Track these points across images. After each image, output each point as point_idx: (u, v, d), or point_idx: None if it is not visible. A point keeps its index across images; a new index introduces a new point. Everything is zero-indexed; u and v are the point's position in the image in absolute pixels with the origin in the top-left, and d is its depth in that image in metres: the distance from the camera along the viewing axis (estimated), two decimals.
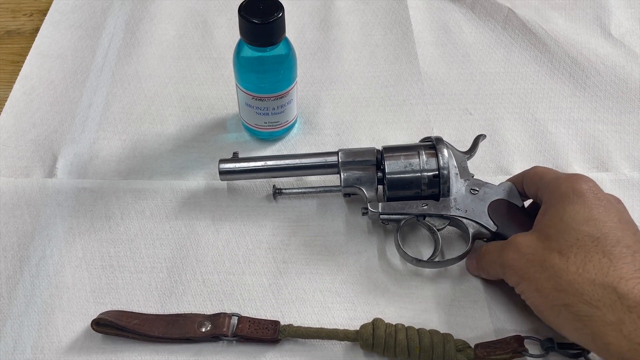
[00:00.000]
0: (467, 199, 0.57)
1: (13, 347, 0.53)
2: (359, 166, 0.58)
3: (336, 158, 0.60)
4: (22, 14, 0.85)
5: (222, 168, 0.61)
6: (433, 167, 0.57)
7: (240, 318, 0.54)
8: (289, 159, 0.60)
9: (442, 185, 0.56)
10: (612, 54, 0.77)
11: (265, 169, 0.60)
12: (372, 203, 0.57)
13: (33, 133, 0.69)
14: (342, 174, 0.59)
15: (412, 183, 0.57)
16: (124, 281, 0.58)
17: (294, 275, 0.58)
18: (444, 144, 0.58)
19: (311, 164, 0.60)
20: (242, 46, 0.61)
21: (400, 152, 0.58)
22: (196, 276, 0.58)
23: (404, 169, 0.57)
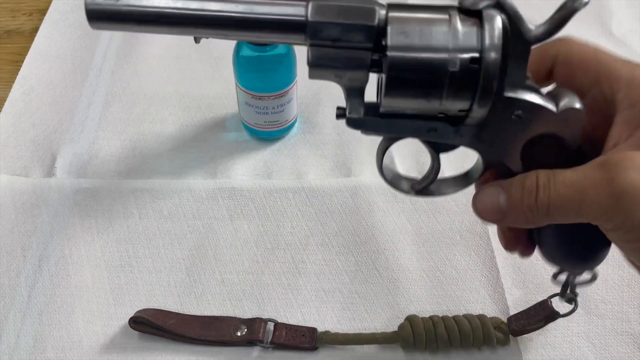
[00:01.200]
0: (499, 126, 0.34)
1: (33, 346, 0.53)
2: (342, 49, 0.33)
3: (302, 13, 0.33)
4: (21, 13, 0.85)
5: (92, 4, 0.33)
6: (472, 47, 0.32)
7: (277, 324, 0.54)
8: (217, 2, 0.33)
9: (480, 99, 0.32)
10: (613, 53, 0.77)
11: (175, 15, 0.33)
12: (353, 112, 0.35)
13: (32, 133, 0.69)
14: (310, 53, 0.33)
15: (434, 74, 0.32)
16: (143, 281, 0.58)
17: (312, 275, 0.58)
18: (497, 14, 0.33)
19: (253, 17, 0.33)
20: (241, 45, 0.61)
21: (419, 14, 0.33)
22: (215, 275, 0.58)
23: (424, 44, 0.32)
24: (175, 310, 0.56)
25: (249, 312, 0.56)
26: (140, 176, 0.66)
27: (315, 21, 0.32)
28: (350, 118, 0.35)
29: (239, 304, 0.56)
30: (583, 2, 0.32)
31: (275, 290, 0.57)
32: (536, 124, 0.34)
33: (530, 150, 0.35)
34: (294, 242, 0.60)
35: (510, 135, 0.35)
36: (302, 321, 0.55)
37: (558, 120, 0.34)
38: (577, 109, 0.34)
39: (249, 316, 0.55)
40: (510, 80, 0.33)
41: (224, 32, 0.34)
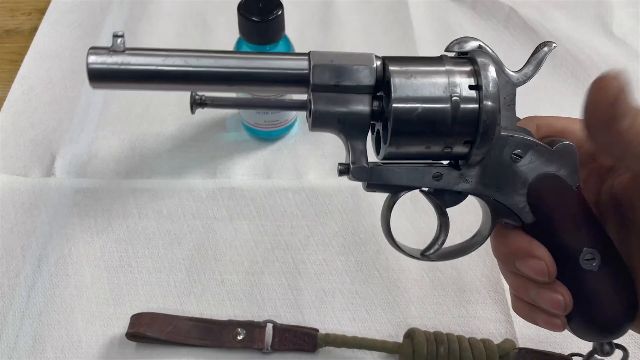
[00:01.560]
0: (502, 168, 0.36)
1: (32, 346, 0.53)
2: (343, 95, 0.34)
3: (305, 66, 0.33)
4: (20, 13, 0.85)
5: (94, 64, 0.33)
6: (471, 98, 0.33)
7: (276, 327, 0.53)
8: (218, 59, 0.33)
9: (480, 143, 0.34)
10: (614, 53, 0.77)
11: (175, 73, 0.33)
12: (357, 162, 0.35)
13: (31, 133, 0.69)
14: (312, 105, 0.34)
15: (435, 123, 0.33)
16: (142, 281, 0.58)
17: (313, 275, 0.58)
18: (488, 57, 0.34)
19: (256, 72, 0.33)
20: (241, 44, 0.61)
21: (416, 66, 0.34)
22: (215, 276, 0.58)
23: (424, 95, 0.33)
24: (174, 311, 0.56)
25: (249, 312, 0.56)
26: (139, 176, 0.65)
27: (317, 70, 0.33)
28: (355, 168, 0.35)
29: (239, 304, 0.56)
30: (552, 45, 0.37)
31: (275, 290, 0.57)
32: (535, 162, 0.36)
33: (535, 194, 0.36)
34: (294, 242, 0.60)
35: (512, 176, 0.36)
36: (302, 321, 0.55)
37: (554, 157, 0.36)
38: (570, 144, 0.36)
39: (249, 317, 0.55)
40: (504, 121, 0.35)
41: (226, 87, 0.34)
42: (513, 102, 0.35)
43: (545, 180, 0.36)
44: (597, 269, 0.36)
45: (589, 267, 0.36)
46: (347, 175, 0.36)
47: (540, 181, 0.36)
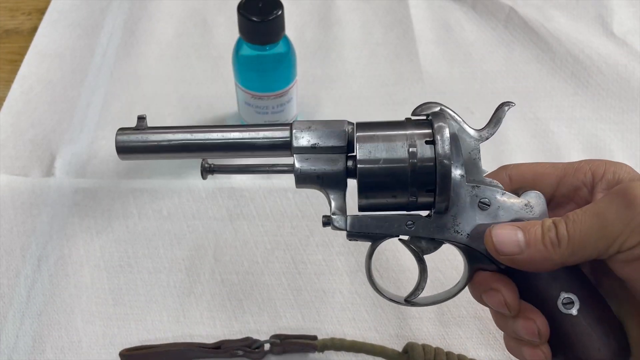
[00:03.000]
0: (471, 216, 0.39)
1: (32, 346, 0.53)
2: (321, 154, 0.40)
3: (287, 135, 0.40)
4: (20, 12, 0.85)
5: (121, 142, 0.41)
6: (427, 157, 0.38)
7: (273, 345, 0.52)
8: (218, 132, 0.41)
9: (440, 192, 0.38)
10: (614, 52, 0.77)
11: (185, 145, 0.42)
12: (337, 213, 0.40)
13: (31, 133, 0.69)
14: (295, 164, 0.40)
15: (395, 181, 0.38)
16: (142, 281, 0.58)
17: (312, 275, 0.58)
18: (445, 120, 0.39)
19: (250, 142, 0.41)
20: (241, 44, 0.61)
21: (380, 131, 0.39)
22: (215, 276, 0.58)
23: (385, 157, 0.38)
24: (174, 311, 0.56)
25: (249, 311, 0.56)
26: (139, 176, 0.65)
27: (297, 136, 0.40)
28: (336, 219, 0.40)
29: (239, 304, 0.56)
30: (511, 104, 0.41)
31: (275, 290, 0.57)
32: (503, 210, 0.39)
33: None
34: (294, 243, 0.60)
35: (482, 223, 0.39)
36: (301, 321, 0.55)
37: (521, 205, 0.39)
38: (536, 192, 0.39)
39: (248, 317, 0.55)
40: (469, 174, 0.39)
41: (225, 154, 0.42)
42: (478, 156, 0.40)
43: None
44: (576, 313, 0.37)
45: (567, 311, 0.37)
46: (330, 226, 0.40)
47: None
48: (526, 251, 0.36)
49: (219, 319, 0.55)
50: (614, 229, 0.34)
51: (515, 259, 0.37)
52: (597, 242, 0.35)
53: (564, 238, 0.35)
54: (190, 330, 0.55)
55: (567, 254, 0.35)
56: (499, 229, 0.37)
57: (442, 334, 0.55)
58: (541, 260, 0.36)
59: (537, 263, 0.36)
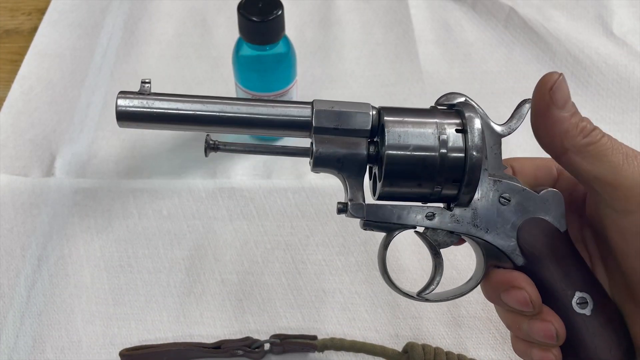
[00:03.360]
0: (491, 211, 0.38)
1: (32, 346, 0.53)
2: (342, 138, 0.38)
3: (308, 113, 0.38)
4: (20, 12, 0.85)
5: (123, 107, 0.37)
6: (458, 147, 0.37)
7: (273, 345, 0.53)
8: (233, 105, 0.38)
9: (467, 184, 0.37)
10: (614, 52, 0.77)
11: (195, 116, 0.38)
12: (354, 200, 0.38)
13: (31, 133, 0.69)
14: (314, 146, 0.38)
15: (423, 169, 0.37)
16: (142, 281, 0.58)
17: (312, 275, 0.58)
18: (475, 110, 0.38)
19: (267, 118, 0.38)
20: (241, 45, 0.61)
21: (409, 117, 0.37)
22: (215, 276, 0.58)
23: (415, 143, 0.37)
24: (174, 311, 0.56)
25: (249, 311, 0.56)
26: (139, 176, 0.65)
27: (319, 114, 0.37)
28: (353, 205, 0.38)
29: (239, 304, 0.56)
30: (529, 101, 0.39)
31: (275, 290, 0.57)
32: (522, 206, 0.38)
33: (525, 237, 0.38)
34: (294, 242, 0.60)
35: (502, 219, 0.38)
36: (301, 320, 0.55)
37: (541, 202, 0.38)
38: (556, 190, 0.39)
39: (248, 317, 0.55)
40: (491, 169, 0.38)
41: (239, 130, 0.38)
42: (499, 150, 0.39)
43: (534, 224, 0.38)
44: (590, 313, 0.37)
45: (581, 310, 0.37)
46: (345, 213, 0.38)
47: (529, 225, 0.38)
48: (568, 115, 0.36)
49: (219, 319, 0.56)
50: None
51: (551, 110, 0.36)
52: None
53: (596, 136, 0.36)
54: (190, 330, 0.55)
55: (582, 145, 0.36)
56: (564, 79, 0.37)
57: (441, 334, 0.55)
58: (562, 133, 0.36)
59: (558, 129, 0.36)
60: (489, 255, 0.39)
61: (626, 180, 0.35)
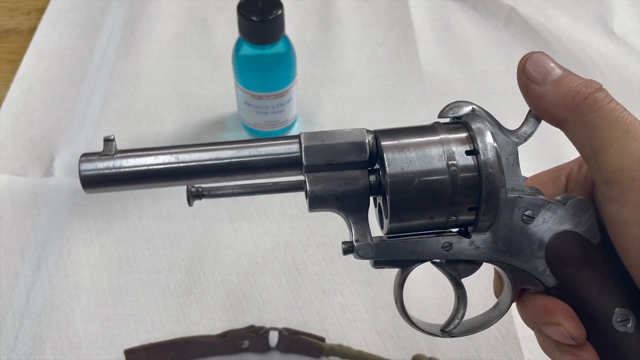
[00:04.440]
0: (514, 232, 0.34)
1: (31, 347, 0.53)
2: (338, 173, 0.33)
3: (296, 149, 0.33)
4: (19, 12, 0.84)
5: (87, 171, 0.33)
6: (470, 167, 0.32)
7: (282, 334, 0.53)
8: (211, 152, 0.33)
9: (485, 210, 0.33)
10: (615, 52, 0.77)
11: (170, 170, 0.33)
12: (360, 240, 0.34)
13: (30, 132, 0.69)
14: (308, 186, 0.33)
15: (433, 199, 0.32)
16: (142, 282, 0.57)
17: (313, 276, 0.58)
18: (484, 122, 0.33)
19: (250, 161, 0.33)
20: (241, 44, 0.61)
21: (409, 138, 0.33)
22: (215, 277, 0.58)
23: (420, 169, 0.32)
24: (174, 311, 0.55)
25: (249, 313, 0.56)
26: None
27: (309, 151, 0.33)
28: (359, 246, 0.34)
29: (239, 305, 0.56)
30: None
31: (275, 291, 0.57)
32: (549, 222, 0.34)
33: (554, 255, 0.34)
34: (294, 243, 0.60)
35: (527, 239, 0.34)
36: (301, 322, 0.55)
37: (569, 214, 0.34)
38: (583, 198, 0.34)
39: (248, 317, 0.55)
40: (509, 183, 0.33)
41: (221, 178, 0.34)
42: (516, 161, 0.34)
43: (563, 239, 0.34)
44: (632, 330, 0.33)
45: (623, 328, 0.33)
46: (352, 254, 0.34)
47: (558, 241, 0.34)
48: (549, 87, 0.33)
49: (219, 319, 0.55)
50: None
51: (530, 88, 0.34)
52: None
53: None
54: (190, 331, 0.55)
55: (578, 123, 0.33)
56: (541, 54, 0.34)
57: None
58: (550, 105, 0.33)
59: (545, 103, 0.34)
60: (516, 279, 0.35)
61: (615, 161, 0.31)
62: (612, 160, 0.31)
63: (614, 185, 0.32)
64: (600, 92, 0.33)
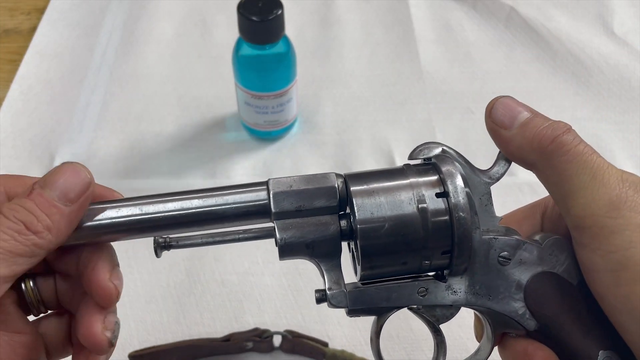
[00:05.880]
0: (491, 274, 0.33)
1: None
2: (308, 219, 0.33)
3: (263, 196, 0.33)
4: (19, 12, 0.84)
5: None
6: (440, 211, 0.32)
7: (285, 338, 0.52)
8: (176, 202, 0.33)
9: (459, 253, 0.32)
10: (615, 52, 0.77)
11: (133, 223, 0.32)
12: (333, 288, 0.33)
13: (30, 133, 0.69)
14: (277, 234, 0.32)
15: (405, 244, 0.32)
16: (142, 282, 0.57)
17: (313, 276, 0.58)
18: (454, 163, 0.33)
19: (217, 210, 0.33)
20: (241, 44, 0.60)
21: (379, 182, 0.33)
22: (215, 276, 0.58)
23: (390, 214, 0.32)
24: (174, 311, 0.55)
25: (249, 313, 0.55)
26: (139, 176, 0.65)
27: (277, 198, 0.32)
28: (332, 294, 0.33)
29: (239, 305, 0.56)
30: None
31: (275, 291, 0.57)
32: (526, 262, 0.33)
33: (533, 297, 0.33)
34: None
35: (504, 281, 0.33)
36: (302, 322, 0.55)
37: (545, 255, 0.33)
38: (559, 237, 0.34)
39: (248, 317, 0.55)
40: (483, 224, 0.33)
41: (187, 229, 0.33)
42: (490, 201, 0.33)
43: (542, 280, 0.33)
44: None
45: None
46: (325, 302, 0.33)
47: (536, 282, 0.33)
48: (516, 131, 0.33)
49: (219, 319, 0.55)
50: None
51: (498, 132, 0.34)
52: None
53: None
54: (190, 331, 0.55)
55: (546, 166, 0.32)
56: (508, 99, 0.35)
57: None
58: (518, 149, 0.33)
59: (513, 147, 0.33)
60: (496, 323, 0.34)
61: (583, 207, 0.30)
62: (580, 206, 0.31)
63: (583, 231, 0.31)
64: (568, 134, 0.32)
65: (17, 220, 0.29)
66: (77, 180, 0.31)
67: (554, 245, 0.33)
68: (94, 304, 0.33)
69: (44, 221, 0.30)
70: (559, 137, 0.32)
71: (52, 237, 0.30)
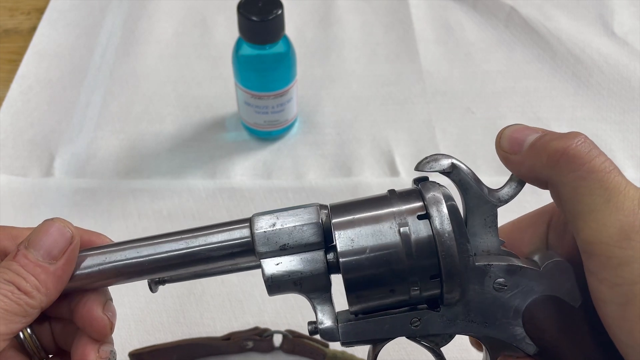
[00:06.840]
0: (487, 301, 0.32)
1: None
2: (293, 255, 0.32)
3: (246, 234, 0.33)
4: (19, 12, 0.84)
5: None
6: (423, 237, 0.31)
7: (285, 338, 0.53)
8: (159, 244, 0.34)
9: (447, 278, 0.31)
10: (615, 52, 0.77)
11: (120, 269, 0.34)
12: (324, 322, 0.32)
13: (30, 132, 0.69)
14: (265, 270, 0.32)
15: (389, 272, 0.31)
16: (142, 282, 0.57)
17: None
18: (439, 189, 0.32)
19: (201, 251, 0.33)
20: (241, 44, 0.60)
21: (360, 212, 0.32)
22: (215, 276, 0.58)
23: (372, 244, 0.31)
24: (174, 312, 0.55)
25: (249, 313, 0.55)
26: (139, 176, 0.65)
27: (260, 239, 0.32)
28: (323, 330, 0.32)
29: (239, 305, 0.56)
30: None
31: None
32: (524, 287, 0.32)
33: (533, 322, 0.32)
34: None
35: (501, 308, 0.32)
36: (302, 322, 0.55)
37: (545, 279, 0.32)
38: (560, 260, 0.32)
39: (248, 317, 0.55)
40: (484, 248, 0.32)
41: (172, 272, 0.34)
42: (494, 223, 0.32)
43: (541, 305, 0.32)
44: None
45: None
46: (317, 335, 0.33)
47: (535, 307, 0.32)
48: (526, 152, 0.31)
49: (219, 319, 0.55)
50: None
51: (509, 159, 0.32)
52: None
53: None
54: (190, 331, 0.55)
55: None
56: (516, 125, 0.32)
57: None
58: (530, 170, 0.31)
59: (525, 169, 0.32)
60: (494, 348, 0.33)
61: (593, 232, 0.28)
62: (590, 231, 0.29)
63: (591, 258, 0.29)
64: (582, 145, 0.29)
65: (7, 282, 0.30)
66: (60, 237, 0.33)
67: (554, 268, 0.32)
68: (87, 337, 0.33)
69: (31, 282, 0.31)
70: (570, 148, 0.29)
71: (42, 296, 0.31)
